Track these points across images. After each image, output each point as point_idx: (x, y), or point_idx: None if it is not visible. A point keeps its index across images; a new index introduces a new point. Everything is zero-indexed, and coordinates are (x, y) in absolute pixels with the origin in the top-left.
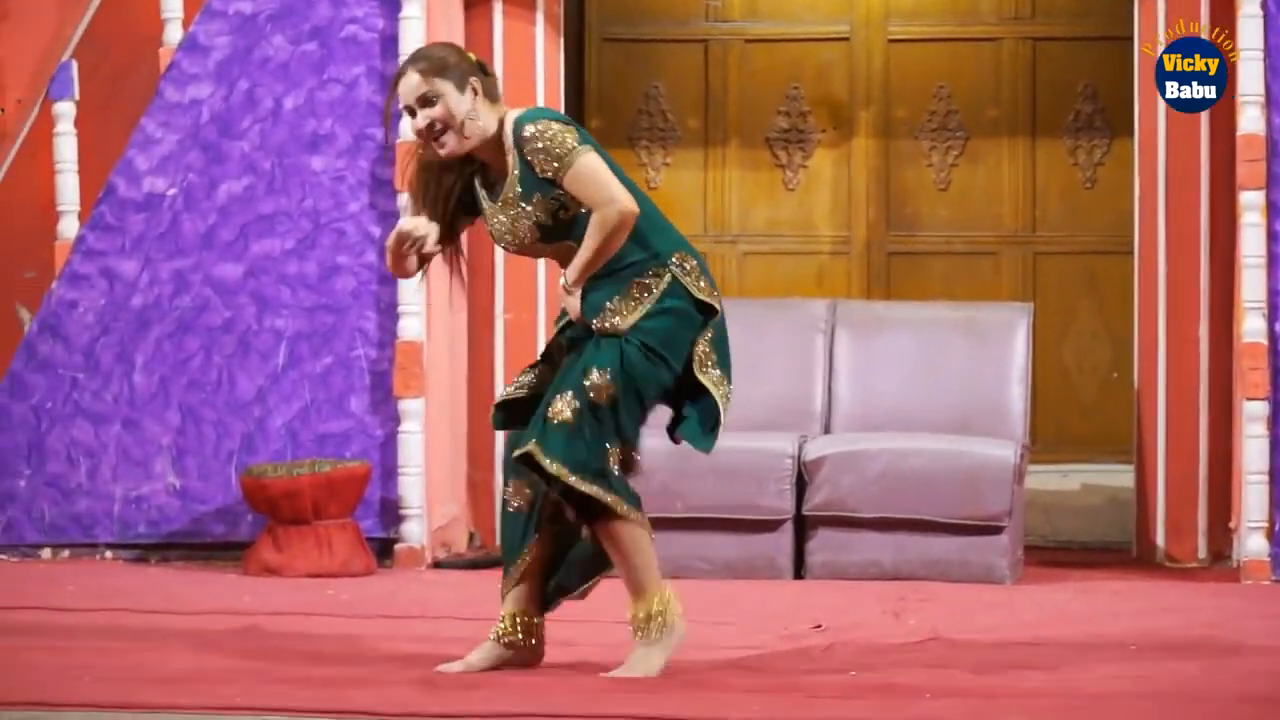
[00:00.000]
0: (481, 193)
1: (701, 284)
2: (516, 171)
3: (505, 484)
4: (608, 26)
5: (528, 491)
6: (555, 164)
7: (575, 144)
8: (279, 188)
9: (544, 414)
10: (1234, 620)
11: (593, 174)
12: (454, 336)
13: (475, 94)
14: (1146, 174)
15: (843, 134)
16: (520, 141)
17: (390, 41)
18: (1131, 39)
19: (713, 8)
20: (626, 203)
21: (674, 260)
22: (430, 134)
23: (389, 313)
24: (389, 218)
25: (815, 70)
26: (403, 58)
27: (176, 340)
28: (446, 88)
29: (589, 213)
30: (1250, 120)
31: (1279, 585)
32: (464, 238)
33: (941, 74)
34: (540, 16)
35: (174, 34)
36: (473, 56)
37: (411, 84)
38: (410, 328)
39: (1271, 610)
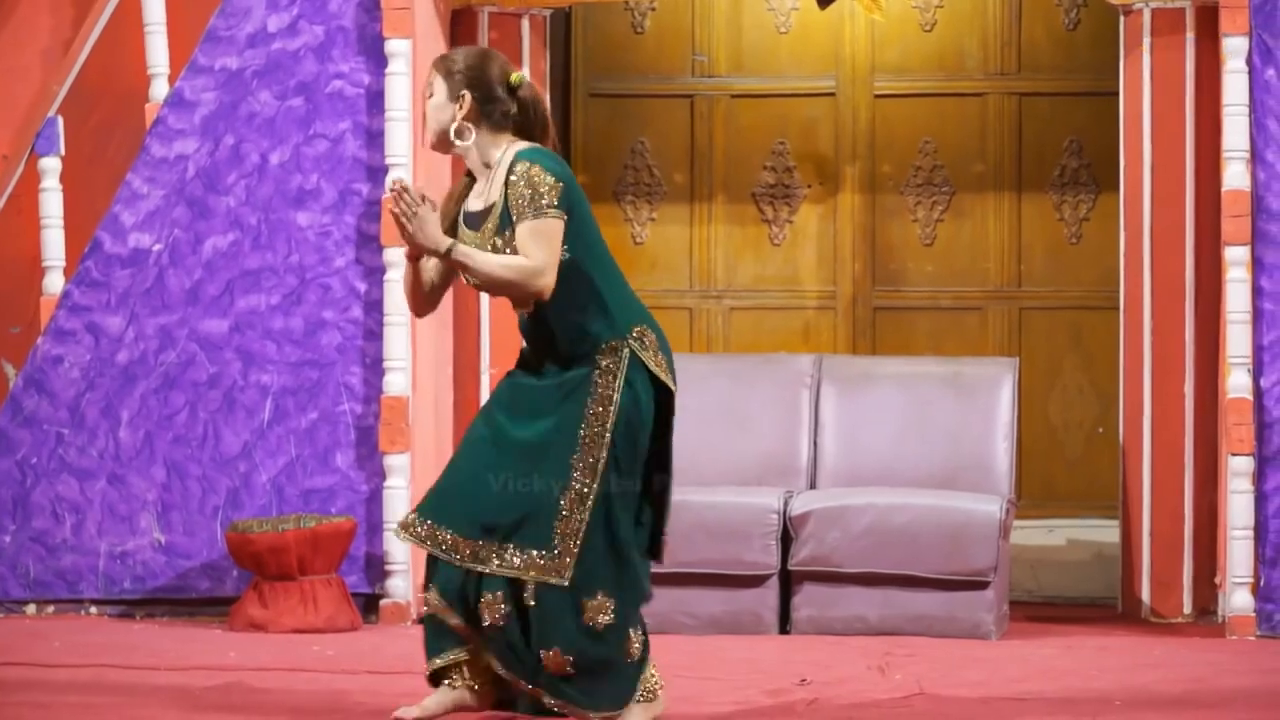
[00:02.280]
0: (461, 222)
1: (659, 359)
2: (500, 203)
3: (428, 588)
4: (594, 82)
5: (457, 620)
6: (525, 208)
7: (553, 204)
8: (265, 243)
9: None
10: (1219, 676)
11: (544, 238)
12: (439, 392)
13: (461, 110)
14: (1132, 229)
15: (828, 189)
16: (510, 174)
17: (376, 97)
18: (1117, 94)
19: (699, 63)
20: (541, 283)
21: (633, 334)
22: None
23: (374, 368)
24: (375, 273)
25: (801, 126)
26: (387, 114)
27: (162, 396)
28: (440, 88)
29: None
30: (1235, 176)
31: (1264, 641)
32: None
33: (927, 129)
34: (526, 72)
35: (160, 89)
36: (516, 78)
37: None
38: (396, 383)
39: (1257, 666)
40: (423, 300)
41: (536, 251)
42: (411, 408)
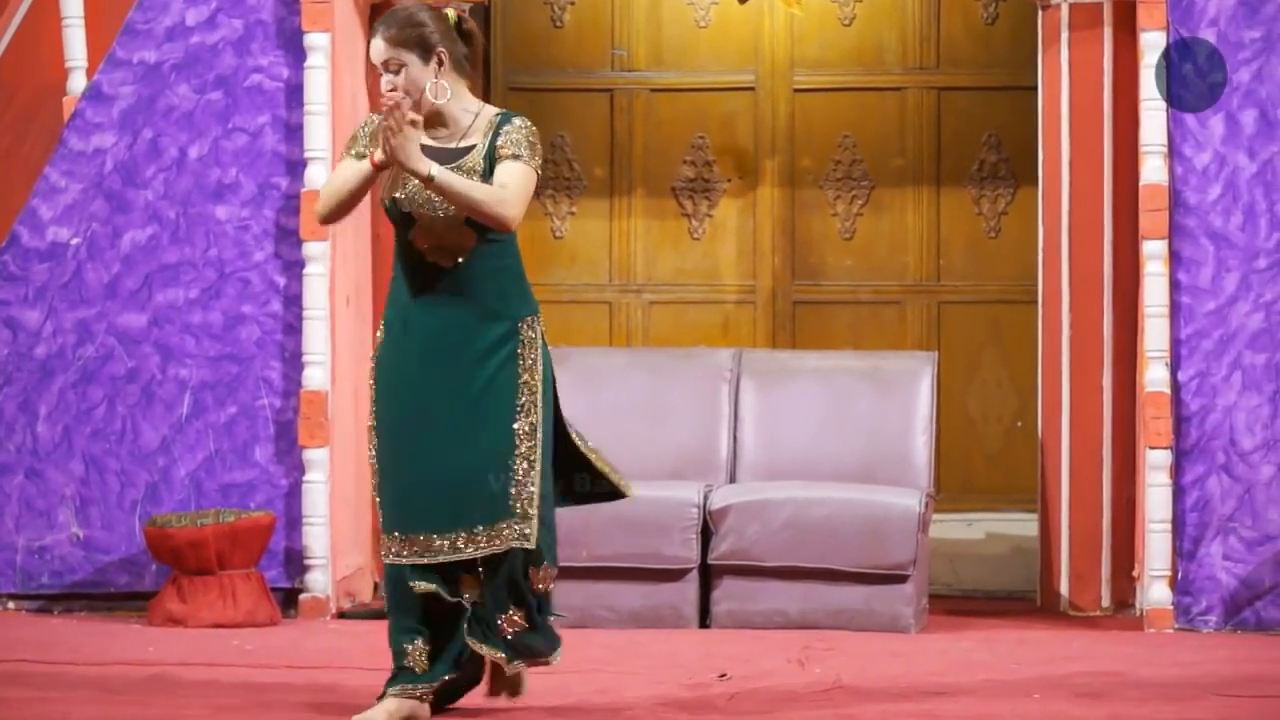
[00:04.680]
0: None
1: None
2: (484, 149)
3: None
4: (513, 75)
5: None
6: (518, 151)
7: (540, 163)
8: (183, 237)
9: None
10: (1137, 669)
11: (524, 180)
12: (358, 385)
13: (441, 65)
14: (1050, 223)
15: (748, 183)
16: (507, 122)
17: (295, 91)
18: (1035, 89)
19: (618, 58)
20: (509, 212)
21: (539, 315)
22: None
23: (293, 362)
24: (294, 267)
25: (720, 120)
26: (306, 108)
27: (80, 390)
28: (410, 58)
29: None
30: (1153, 170)
31: (1182, 634)
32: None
33: (846, 123)
34: None
35: (78, 82)
36: (451, 15)
37: (378, 49)
38: (315, 377)
39: (1174, 659)
40: (347, 208)
41: (516, 186)
42: (331, 402)
